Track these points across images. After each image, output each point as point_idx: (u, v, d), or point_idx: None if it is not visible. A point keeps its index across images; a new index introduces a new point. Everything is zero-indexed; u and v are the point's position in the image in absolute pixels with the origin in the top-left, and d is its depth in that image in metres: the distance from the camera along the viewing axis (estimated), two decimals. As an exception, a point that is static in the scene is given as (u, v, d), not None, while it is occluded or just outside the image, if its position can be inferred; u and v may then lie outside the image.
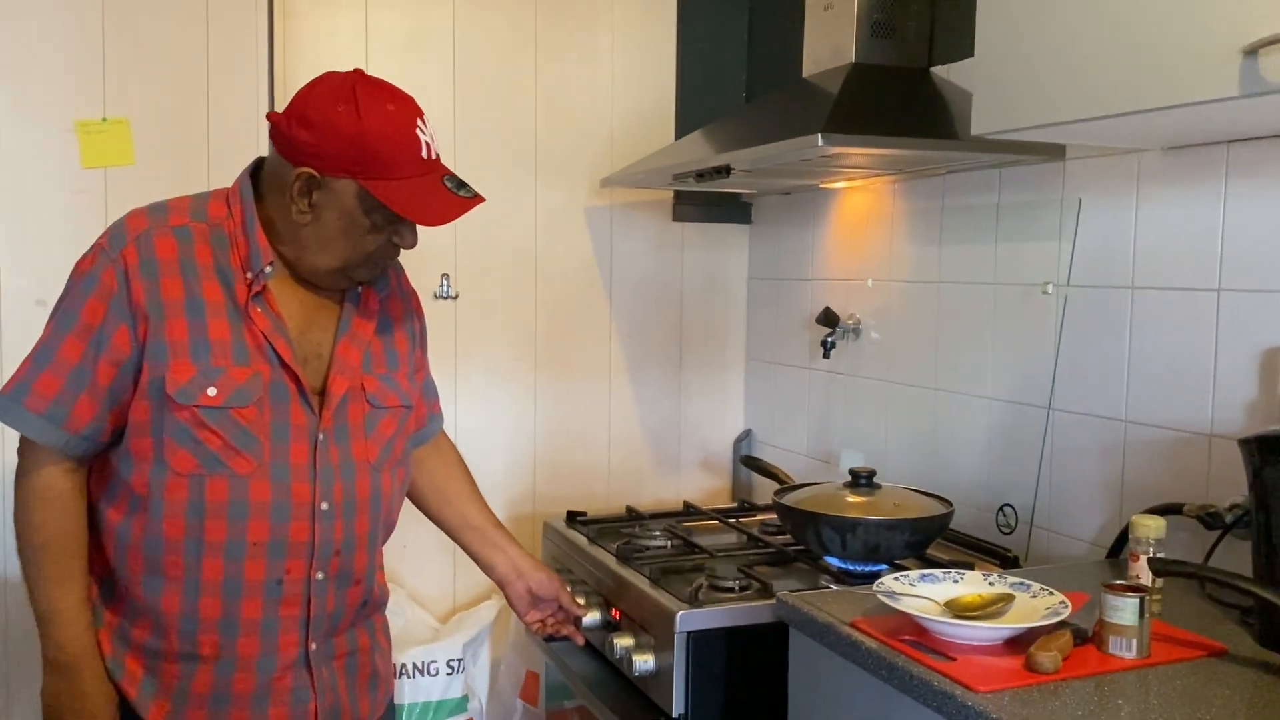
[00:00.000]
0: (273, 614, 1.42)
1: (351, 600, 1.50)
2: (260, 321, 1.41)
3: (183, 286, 1.39)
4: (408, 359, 1.58)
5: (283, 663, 1.45)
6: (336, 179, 1.38)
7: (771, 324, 2.80)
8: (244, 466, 1.38)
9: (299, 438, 1.42)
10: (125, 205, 1.58)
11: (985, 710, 1.15)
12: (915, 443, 2.26)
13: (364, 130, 1.36)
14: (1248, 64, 1.18)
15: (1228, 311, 1.61)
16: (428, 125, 1.43)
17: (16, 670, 2.27)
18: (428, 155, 1.41)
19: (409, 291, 1.65)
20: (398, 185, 1.38)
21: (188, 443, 1.37)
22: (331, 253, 1.42)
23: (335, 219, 1.40)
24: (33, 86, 2.23)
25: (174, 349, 1.37)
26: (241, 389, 1.38)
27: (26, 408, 1.39)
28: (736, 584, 1.80)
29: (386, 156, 1.37)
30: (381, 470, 1.51)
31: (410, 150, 1.38)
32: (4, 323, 2.25)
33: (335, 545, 1.45)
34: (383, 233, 1.42)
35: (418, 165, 1.39)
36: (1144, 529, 1.50)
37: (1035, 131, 1.52)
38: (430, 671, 2.47)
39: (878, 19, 2.09)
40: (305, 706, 1.47)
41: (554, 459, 2.76)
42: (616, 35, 2.74)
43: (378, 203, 1.38)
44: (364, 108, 1.36)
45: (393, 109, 1.39)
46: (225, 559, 1.40)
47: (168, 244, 1.40)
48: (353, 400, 1.48)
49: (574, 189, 2.74)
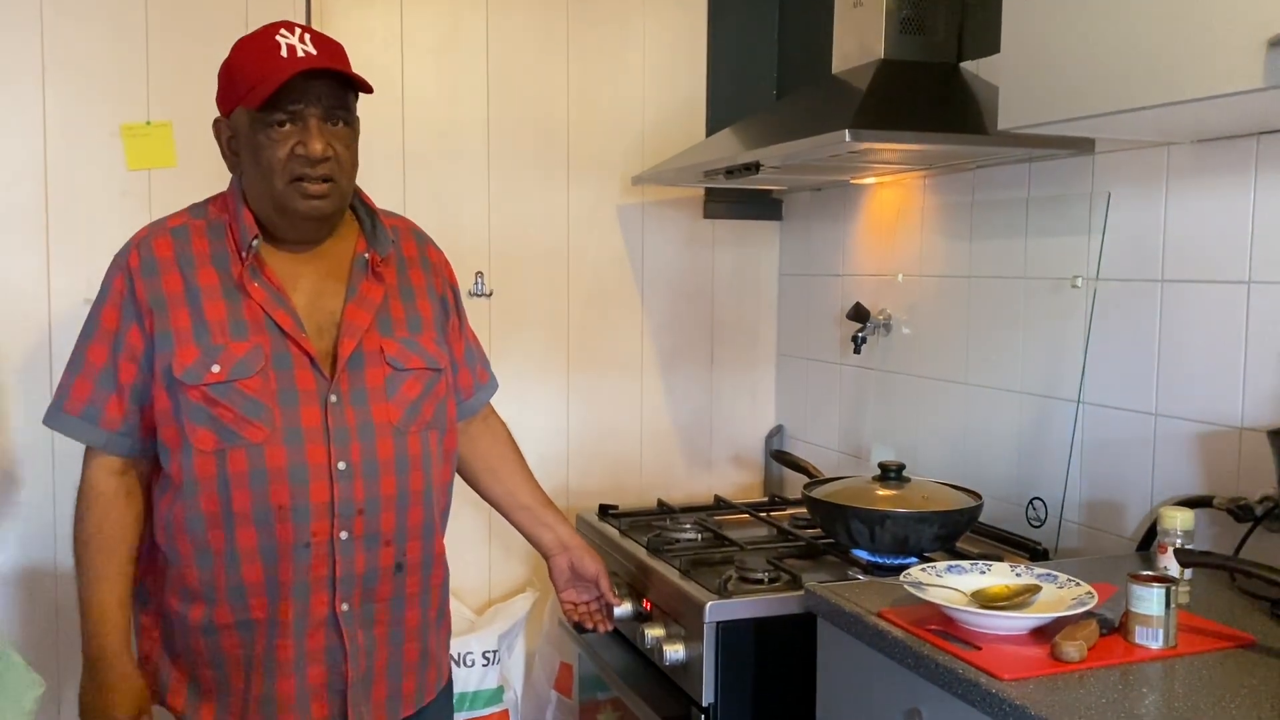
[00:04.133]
0: (304, 576, 1.47)
1: (384, 562, 1.52)
2: (258, 295, 1.48)
3: (181, 279, 1.49)
4: (434, 323, 1.62)
5: (313, 622, 1.49)
6: (233, 115, 1.48)
7: (802, 319, 2.82)
8: (257, 434, 1.45)
9: (308, 402, 1.47)
10: (168, 206, 1.64)
11: (1011, 698, 1.17)
12: (945, 437, 2.27)
13: (231, 56, 1.48)
14: (1273, 56, 1.19)
15: (1258, 304, 1.61)
16: (299, 31, 1.46)
17: (67, 661, 2.34)
18: (289, 55, 1.42)
19: (435, 262, 1.68)
20: (256, 87, 1.42)
21: (205, 421, 1.45)
22: (261, 187, 1.48)
23: (246, 153, 1.48)
24: (80, 91, 2.30)
25: (178, 336, 1.46)
26: (243, 361, 1.45)
27: (65, 411, 1.51)
28: (766, 575, 1.82)
29: (248, 70, 1.44)
30: (407, 432, 1.53)
31: (266, 56, 1.43)
32: (54, 322, 2.32)
33: (357, 505, 1.49)
34: (283, 144, 1.44)
35: (279, 65, 1.41)
36: (1171, 520, 1.51)
37: (1062, 125, 1.53)
38: (466, 662, 2.51)
39: (907, 15, 2.10)
40: (340, 668, 1.51)
41: (587, 453, 2.79)
42: (648, 34, 2.76)
43: (258, 114, 1.43)
44: (235, 44, 1.48)
45: (258, 32, 1.47)
46: (257, 525, 1.46)
47: (165, 243, 1.51)
48: (370, 363, 1.52)
49: (606, 187, 2.76)
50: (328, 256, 1.56)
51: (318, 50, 1.45)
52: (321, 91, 1.45)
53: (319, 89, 1.45)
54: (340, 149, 1.48)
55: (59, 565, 2.33)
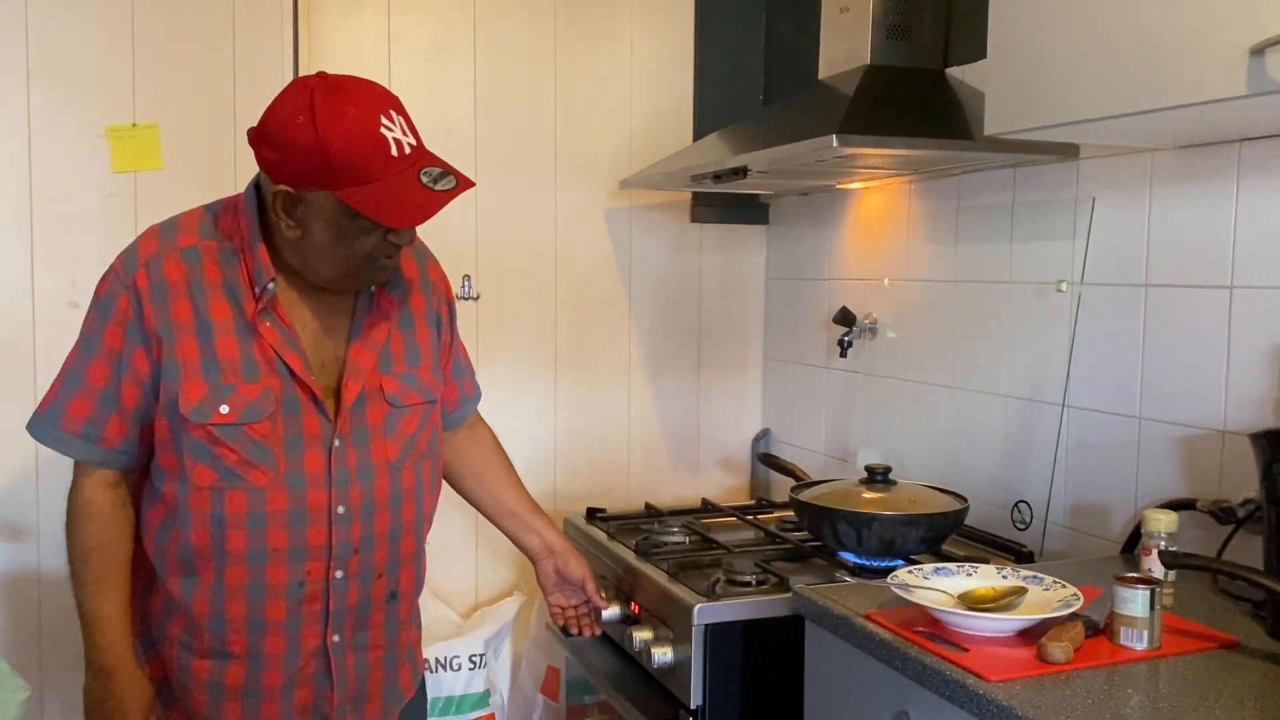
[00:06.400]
0: (296, 614, 1.46)
1: (377, 593, 1.53)
2: (270, 335, 1.43)
3: (191, 308, 1.42)
4: (430, 350, 1.60)
5: (305, 653, 1.49)
6: (312, 193, 1.37)
7: (789, 324, 2.83)
8: (260, 479, 1.42)
9: (313, 446, 1.45)
10: (154, 208, 1.63)
11: (997, 699, 1.18)
12: (931, 440, 2.28)
13: (323, 142, 1.32)
14: (1255, 63, 1.20)
15: (1240, 308, 1.62)
16: (398, 119, 1.38)
17: (51, 666, 2.32)
18: (399, 152, 1.36)
19: (434, 280, 1.64)
20: (370, 190, 1.35)
21: (205, 458, 1.41)
22: (329, 262, 1.43)
23: (323, 230, 1.39)
24: (66, 92, 2.28)
25: (186, 370, 1.41)
26: (253, 405, 1.41)
27: (62, 429, 1.45)
28: (753, 578, 1.82)
29: (352, 164, 1.33)
30: (402, 468, 1.53)
31: (377, 152, 1.34)
32: (38, 323, 2.30)
33: (354, 545, 1.48)
34: (373, 234, 1.40)
35: (389, 164, 1.35)
36: (1155, 523, 1.52)
37: (1048, 131, 1.54)
38: (453, 666, 2.50)
39: (893, 21, 2.11)
40: (326, 692, 1.51)
41: (574, 458, 2.79)
42: (636, 40, 2.77)
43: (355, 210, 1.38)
44: (320, 118, 1.33)
45: (353, 112, 1.34)
46: (248, 565, 1.44)
47: (176, 267, 1.43)
48: (371, 402, 1.49)
49: (594, 191, 2.77)
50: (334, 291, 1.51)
51: (418, 142, 1.41)
52: None
53: None
54: None
55: (42, 571, 2.31)
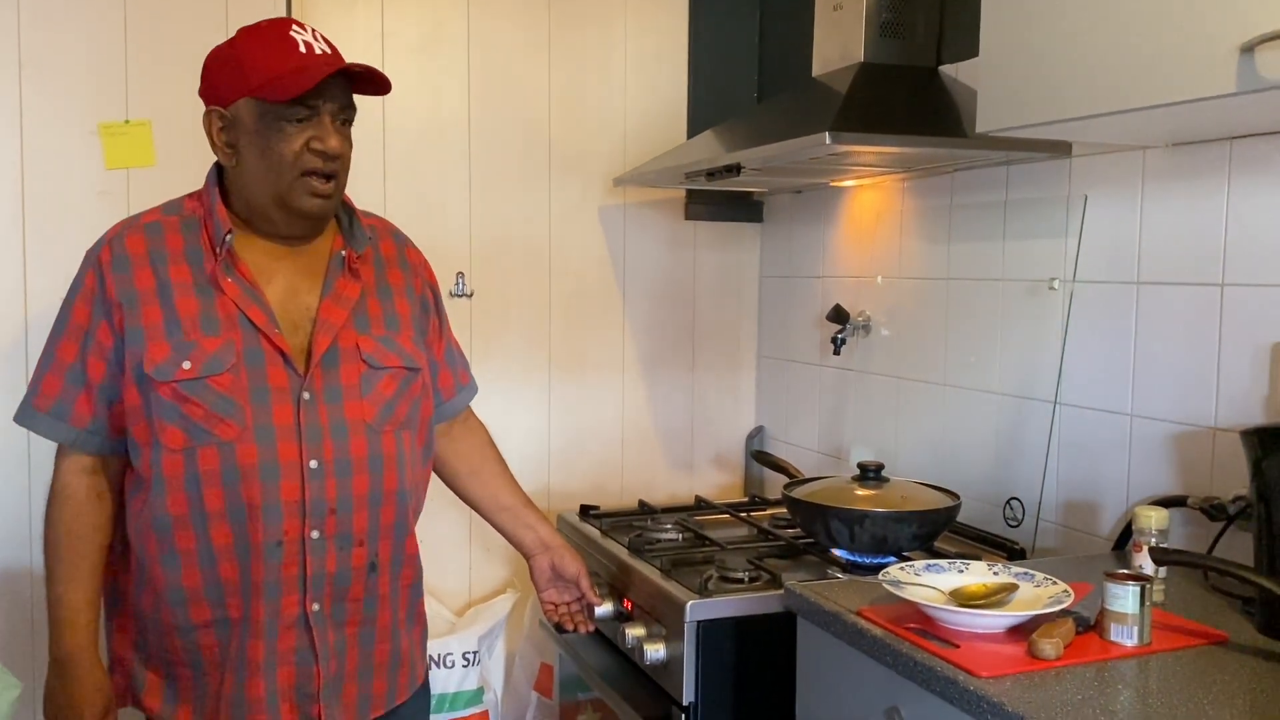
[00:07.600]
0: (275, 575, 1.46)
1: (356, 562, 1.51)
2: (231, 290, 1.47)
3: (153, 275, 1.48)
4: (412, 322, 1.61)
5: (284, 622, 1.48)
6: (234, 105, 1.45)
7: (783, 321, 2.83)
8: (228, 432, 1.44)
9: (280, 399, 1.46)
10: (147, 205, 1.63)
11: (988, 695, 1.18)
12: (924, 437, 2.28)
13: (236, 48, 1.45)
14: (1245, 61, 1.20)
15: (1231, 306, 1.63)
16: (309, 30, 1.47)
17: (43, 664, 2.30)
18: (308, 51, 1.44)
19: (414, 263, 1.68)
20: (279, 80, 1.41)
21: (175, 419, 1.44)
22: (263, 182, 1.47)
23: (249, 145, 1.45)
24: (58, 89, 2.28)
25: (149, 332, 1.45)
26: (214, 357, 1.44)
27: (35, 407, 1.50)
28: (746, 575, 1.83)
29: (263, 62, 1.42)
30: (381, 431, 1.53)
31: (284, 49, 1.42)
32: (30, 322, 2.30)
33: (329, 504, 1.48)
34: (294, 138, 1.44)
35: (298, 58, 1.42)
36: (1146, 519, 1.52)
37: (1040, 129, 1.54)
38: (446, 663, 2.50)
39: (886, 19, 2.12)
40: (309, 669, 1.50)
41: (568, 454, 2.79)
42: (629, 36, 2.77)
43: (271, 106, 1.43)
44: (237, 36, 1.47)
45: (264, 25, 1.46)
46: (230, 523, 1.45)
47: (137, 240, 1.50)
48: (346, 360, 1.51)
49: (587, 188, 2.77)
50: (304, 253, 1.55)
51: (332, 50, 1.47)
52: (336, 91, 1.46)
53: (335, 88, 1.46)
54: (346, 149, 1.49)
55: (35, 566, 2.31)
